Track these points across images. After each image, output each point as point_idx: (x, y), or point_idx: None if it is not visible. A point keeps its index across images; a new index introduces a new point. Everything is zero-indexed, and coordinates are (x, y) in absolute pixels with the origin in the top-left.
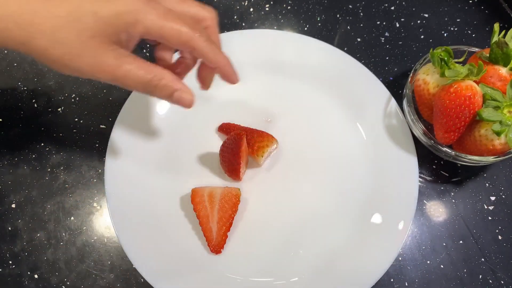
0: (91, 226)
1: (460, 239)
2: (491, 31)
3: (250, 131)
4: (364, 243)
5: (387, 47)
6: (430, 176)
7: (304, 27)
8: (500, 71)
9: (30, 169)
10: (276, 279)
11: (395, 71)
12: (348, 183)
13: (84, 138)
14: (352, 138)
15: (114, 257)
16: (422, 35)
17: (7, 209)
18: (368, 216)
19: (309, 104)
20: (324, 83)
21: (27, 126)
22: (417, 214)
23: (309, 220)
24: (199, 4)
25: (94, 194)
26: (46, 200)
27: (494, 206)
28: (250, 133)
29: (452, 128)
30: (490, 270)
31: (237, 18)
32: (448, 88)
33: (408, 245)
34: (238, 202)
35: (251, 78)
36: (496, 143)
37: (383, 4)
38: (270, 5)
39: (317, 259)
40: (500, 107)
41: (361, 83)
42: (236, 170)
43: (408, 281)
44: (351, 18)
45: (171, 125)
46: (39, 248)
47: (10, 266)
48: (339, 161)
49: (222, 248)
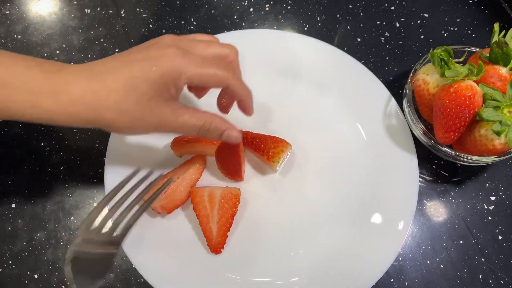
0: None
1: (460, 239)
2: (491, 31)
3: (264, 137)
4: (364, 243)
5: (387, 47)
6: (430, 176)
7: (304, 27)
8: (500, 71)
9: (30, 169)
10: (276, 279)
11: (395, 71)
12: (348, 183)
13: (84, 138)
14: (352, 138)
15: None
16: (422, 35)
17: (7, 209)
18: (368, 216)
19: (309, 104)
20: (324, 83)
21: (27, 126)
22: (417, 214)
23: (309, 220)
24: (222, 44)
25: (94, 194)
26: (46, 200)
27: (494, 206)
28: (264, 139)
29: (452, 128)
30: (490, 270)
31: (237, 18)
32: (448, 88)
33: (408, 245)
34: (238, 202)
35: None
36: (496, 143)
37: (383, 4)
38: (270, 5)
39: (317, 259)
40: (500, 107)
41: (361, 83)
42: (238, 170)
43: (408, 281)
44: (351, 18)
45: None
46: (39, 248)
47: (10, 266)
48: (339, 161)
49: (222, 248)
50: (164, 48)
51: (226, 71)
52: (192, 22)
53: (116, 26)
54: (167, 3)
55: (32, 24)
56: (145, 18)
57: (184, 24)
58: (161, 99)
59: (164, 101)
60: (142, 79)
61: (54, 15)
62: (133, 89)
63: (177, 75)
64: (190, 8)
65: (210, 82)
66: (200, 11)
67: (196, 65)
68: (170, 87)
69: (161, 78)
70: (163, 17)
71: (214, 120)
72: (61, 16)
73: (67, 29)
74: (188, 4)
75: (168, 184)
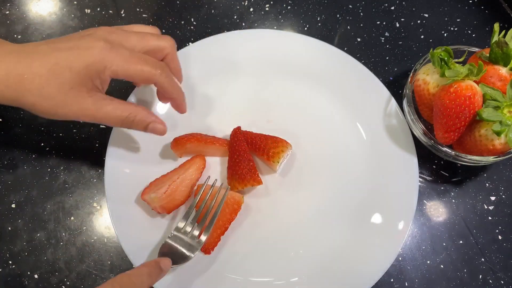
0: (91, 226)
1: (460, 239)
2: (491, 31)
3: (264, 137)
4: (364, 243)
5: (387, 47)
6: (430, 176)
7: (304, 27)
8: (500, 71)
9: (30, 169)
10: (276, 279)
11: (395, 71)
12: (348, 183)
13: (84, 138)
14: (352, 138)
15: (114, 257)
16: (422, 35)
17: (7, 209)
18: (368, 216)
19: (309, 104)
20: (324, 83)
21: (27, 126)
22: (417, 214)
23: (309, 220)
24: (157, 37)
25: (94, 194)
26: (46, 200)
27: (494, 206)
28: (264, 139)
29: (452, 128)
30: (490, 270)
31: (237, 18)
32: (448, 88)
33: (408, 245)
34: (238, 209)
35: (251, 78)
36: (496, 143)
37: (383, 4)
38: (270, 5)
39: (317, 259)
40: (500, 107)
41: (361, 83)
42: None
43: (408, 281)
44: (351, 18)
45: (172, 125)
46: (39, 248)
47: (10, 266)
48: (339, 161)
49: (213, 250)
50: (94, 40)
51: (154, 68)
52: (192, 22)
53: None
54: (167, 3)
55: (32, 24)
56: (145, 18)
57: (184, 24)
58: (84, 89)
59: (87, 91)
60: (66, 68)
61: (54, 15)
62: (56, 76)
63: (102, 68)
64: (190, 8)
65: (136, 77)
66: (200, 11)
67: (122, 60)
68: (94, 78)
69: (85, 69)
70: (163, 17)
71: (139, 113)
72: (61, 16)
73: (67, 29)
74: (188, 4)
75: (227, 194)
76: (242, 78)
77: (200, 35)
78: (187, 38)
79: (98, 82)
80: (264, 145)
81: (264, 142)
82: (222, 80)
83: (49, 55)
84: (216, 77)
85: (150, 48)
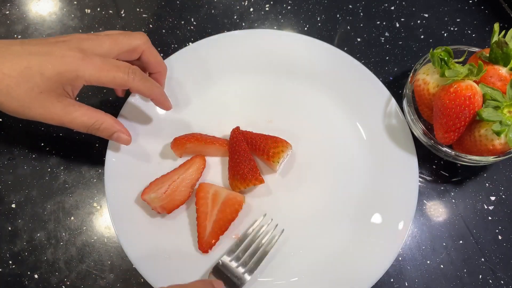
0: (91, 226)
1: (460, 239)
2: (491, 31)
3: (264, 137)
4: (364, 243)
5: (387, 47)
6: (430, 176)
7: (304, 27)
8: (500, 71)
9: (30, 169)
10: (276, 279)
11: (395, 71)
12: (348, 183)
13: (84, 138)
14: (352, 138)
15: (114, 257)
16: (422, 35)
17: (7, 209)
18: (368, 216)
19: (309, 104)
20: (324, 83)
21: (27, 126)
22: (417, 214)
23: (309, 220)
24: (128, 37)
25: (94, 194)
26: (46, 200)
27: (494, 206)
28: (264, 139)
29: (452, 128)
30: (490, 270)
31: (237, 18)
32: (448, 88)
33: (408, 245)
34: (239, 209)
35: (251, 78)
36: (496, 143)
37: (383, 4)
38: (270, 5)
39: (317, 259)
40: (500, 107)
41: (361, 83)
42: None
43: (408, 281)
44: (351, 18)
45: (172, 125)
46: (39, 248)
47: (10, 266)
48: (339, 161)
49: (211, 249)
50: (67, 49)
51: (126, 74)
52: (192, 22)
53: (116, 26)
54: (167, 3)
55: (32, 24)
56: (145, 18)
57: (184, 24)
58: (53, 94)
59: (56, 96)
60: (38, 73)
61: (54, 15)
62: (27, 80)
63: (74, 77)
64: (190, 8)
65: (109, 84)
66: (200, 11)
67: (94, 69)
68: (65, 85)
69: (56, 76)
70: (163, 17)
71: (105, 121)
72: (61, 16)
73: (67, 29)
74: (188, 4)
75: (281, 234)
76: (242, 78)
77: (200, 35)
78: (187, 38)
79: (69, 89)
80: (264, 145)
81: (264, 142)
82: (222, 80)
83: (21, 57)
84: (216, 77)
85: (124, 50)
